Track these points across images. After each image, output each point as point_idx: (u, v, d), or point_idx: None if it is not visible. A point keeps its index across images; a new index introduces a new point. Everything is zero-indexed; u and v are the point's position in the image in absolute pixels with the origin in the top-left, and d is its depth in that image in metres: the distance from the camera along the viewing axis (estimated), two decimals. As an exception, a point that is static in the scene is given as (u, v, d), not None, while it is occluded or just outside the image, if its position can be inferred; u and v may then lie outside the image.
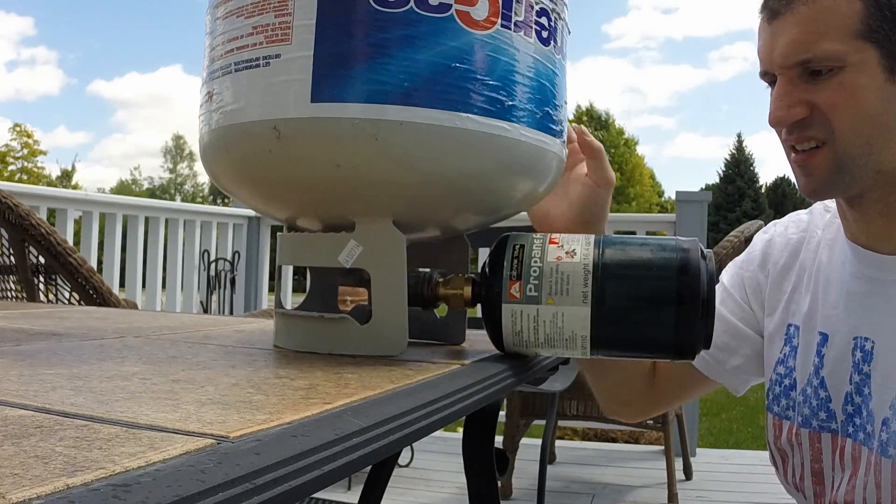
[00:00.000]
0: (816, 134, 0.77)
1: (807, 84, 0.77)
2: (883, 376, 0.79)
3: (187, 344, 0.80)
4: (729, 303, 0.94)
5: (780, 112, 0.78)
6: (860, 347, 0.81)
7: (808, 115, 0.77)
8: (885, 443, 0.77)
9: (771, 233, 0.96)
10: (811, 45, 0.75)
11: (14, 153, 36.91)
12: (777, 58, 0.78)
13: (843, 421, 0.83)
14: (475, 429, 1.03)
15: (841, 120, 0.76)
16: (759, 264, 0.94)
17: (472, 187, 0.74)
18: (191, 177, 51.57)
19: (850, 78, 0.74)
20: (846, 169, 0.77)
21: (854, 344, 0.82)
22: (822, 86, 0.75)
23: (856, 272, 0.82)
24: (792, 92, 0.77)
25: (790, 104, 0.77)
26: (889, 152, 0.76)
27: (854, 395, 0.81)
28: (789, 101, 0.77)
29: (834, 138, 0.76)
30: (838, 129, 0.76)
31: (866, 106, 0.75)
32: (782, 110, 0.78)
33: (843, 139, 0.76)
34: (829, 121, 0.76)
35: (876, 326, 0.80)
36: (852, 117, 0.75)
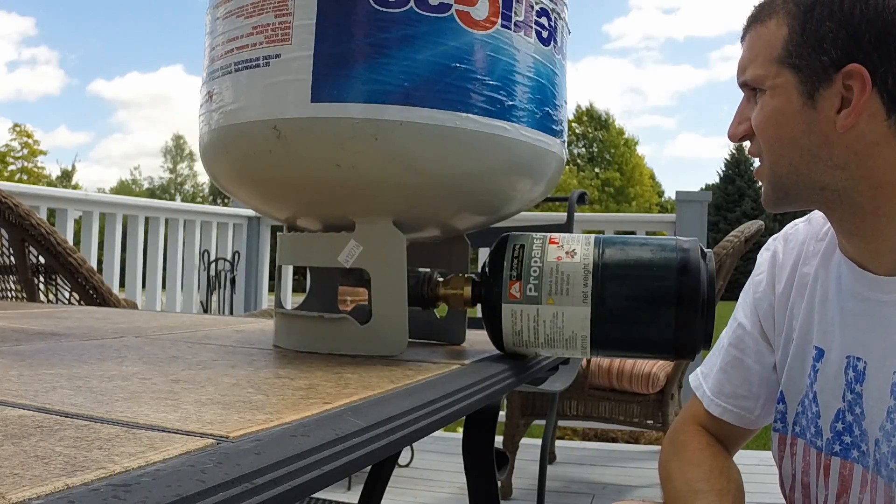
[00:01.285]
0: (755, 151, 0.83)
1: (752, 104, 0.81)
2: (874, 398, 0.78)
3: (187, 344, 0.80)
4: (748, 341, 0.94)
5: (731, 128, 0.84)
6: (853, 367, 0.81)
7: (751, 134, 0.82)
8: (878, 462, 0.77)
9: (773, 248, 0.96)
10: (745, 68, 0.80)
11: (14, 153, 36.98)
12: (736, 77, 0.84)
13: (830, 439, 0.83)
14: (475, 429, 1.03)
15: (764, 140, 0.79)
16: (767, 283, 0.94)
17: (472, 187, 0.74)
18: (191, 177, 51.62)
19: (768, 101, 0.78)
20: (780, 186, 0.80)
21: (847, 363, 0.81)
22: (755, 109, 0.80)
23: (850, 289, 0.82)
24: (743, 110, 0.82)
25: (739, 121, 0.82)
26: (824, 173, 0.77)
27: (846, 412, 0.81)
28: (739, 119, 0.83)
29: (764, 157, 0.80)
30: (765, 149, 0.80)
31: (784, 129, 0.77)
32: (732, 126, 0.83)
33: (768, 158, 0.80)
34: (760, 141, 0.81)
35: (868, 347, 0.80)
36: (772, 139, 0.78)
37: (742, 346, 0.95)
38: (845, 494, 0.81)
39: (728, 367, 0.95)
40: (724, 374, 0.95)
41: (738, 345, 0.95)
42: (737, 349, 0.95)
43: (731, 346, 0.96)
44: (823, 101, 0.74)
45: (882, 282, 0.78)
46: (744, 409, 0.94)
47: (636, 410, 2.46)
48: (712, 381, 0.96)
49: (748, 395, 0.94)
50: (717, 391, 0.95)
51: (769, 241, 0.98)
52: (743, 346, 0.95)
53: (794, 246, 0.93)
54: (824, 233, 0.89)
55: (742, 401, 0.94)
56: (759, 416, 0.94)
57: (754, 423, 0.95)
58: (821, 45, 0.74)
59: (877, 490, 0.77)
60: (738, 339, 0.95)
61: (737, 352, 0.95)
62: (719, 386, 0.95)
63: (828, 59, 0.73)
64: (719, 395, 0.95)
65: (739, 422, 0.94)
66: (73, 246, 1.92)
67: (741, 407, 0.94)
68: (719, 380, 0.95)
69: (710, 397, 0.95)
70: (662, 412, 2.43)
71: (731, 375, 0.95)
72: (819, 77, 0.74)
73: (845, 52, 0.72)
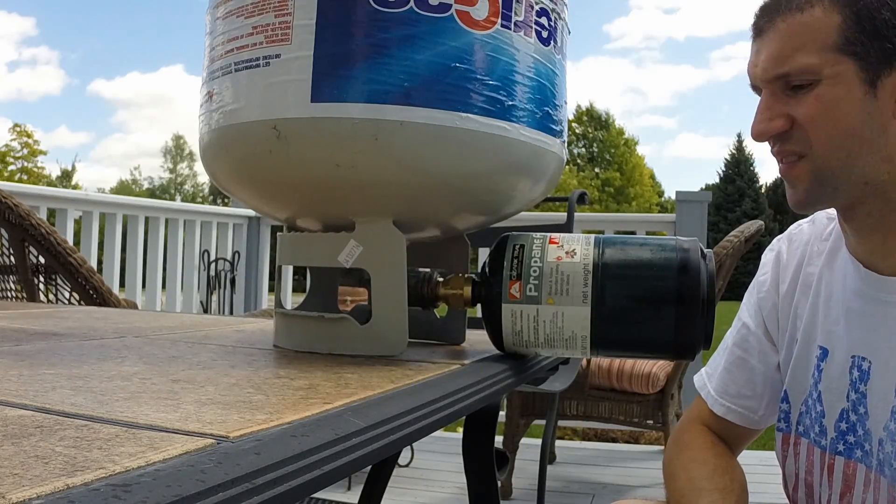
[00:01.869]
0: (795, 147, 0.78)
1: (788, 98, 0.77)
2: (878, 397, 0.78)
3: (187, 344, 0.80)
4: (752, 341, 0.94)
5: (762, 125, 0.79)
6: (857, 366, 0.81)
7: (789, 129, 0.78)
8: (882, 462, 0.77)
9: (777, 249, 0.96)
10: (788, 59, 0.76)
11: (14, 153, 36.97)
12: (759, 72, 0.79)
13: (834, 438, 0.83)
14: (475, 429, 1.03)
15: (818, 133, 0.76)
16: (771, 283, 0.94)
17: (472, 187, 0.74)
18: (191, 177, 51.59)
19: (827, 91, 0.75)
20: (827, 181, 0.77)
21: (852, 362, 0.82)
22: (801, 99, 0.76)
23: (856, 289, 0.82)
24: (773, 105, 0.78)
25: (771, 117, 0.78)
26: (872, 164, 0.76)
27: (850, 412, 0.82)
28: (770, 115, 0.78)
29: (812, 151, 0.77)
30: (815, 142, 0.76)
31: (844, 119, 0.75)
32: (763, 123, 0.79)
33: (820, 152, 0.76)
34: (808, 133, 0.76)
35: (873, 347, 0.80)
36: (829, 130, 0.76)
37: (746, 346, 0.95)
38: (849, 494, 0.81)
39: (732, 367, 0.95)
40: (728, 374, 0.95)
41: (743, 345, 0.95)
42: (741, 349, 0.95)
43: (736, 346, 0.96)
44: (883, 90, 0.74)
45: (889, 282, 0.78)
46: (748, 408, 0.94)
47: (636, 410, 2.46)
48: (716, 381, 0.96)
49: (752, 395, 0.94)
50: (721, 391, 0.95)
51: (773, 242, 0.98)
52: (747, 346, 0.95)
53: (798, 246, 0.93)
54: (828, 233, 0.89)
55: (746, 401, 0.94)
56: (763, 417, 0.95)
57: (758, 423, 0.95)
58: (880, 32, 0.73)
59: (880, 490, 0.77)
60: (742, 339, 0.95)
61: (741, 352, 0.95)
62: (723, 386, 0.95)
63: (891, 47, 0.73)
64: (723, 395, 0.95)
65: (743, 422, 0.94)
66: (73, 246, 1.92)
67: (745, 407, 0.94)
68: (723, 380, 0.96)
69: (715, 397, 0.95)
70: (662, 412, 2.43)
71: (736, 375, 0.95)
72: (882, 64, 0.73)
73: None
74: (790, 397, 0.90)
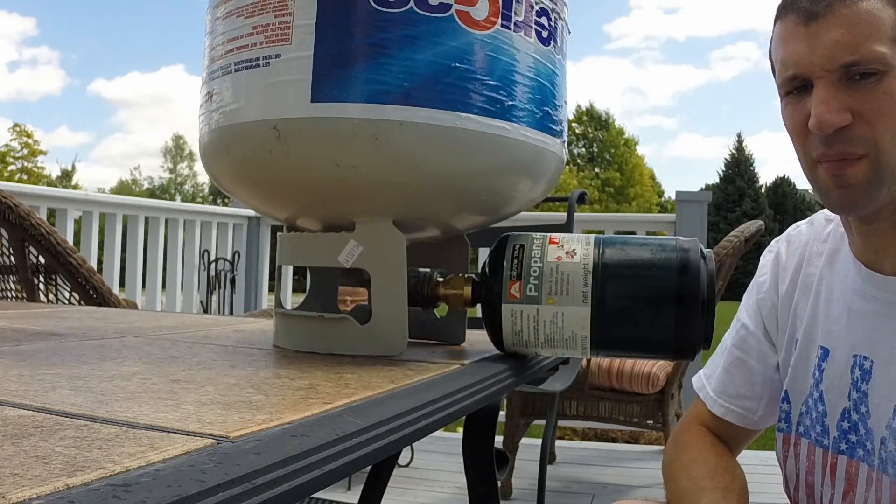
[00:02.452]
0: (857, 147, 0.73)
1: (847, 90, 0.73)
2: (880, 396, 0.78)
3: (187, 344, 0.80)
4: (751, 341, 0.94)
5: (830, 115, 0.72)
6: (859, 365, 0.81)
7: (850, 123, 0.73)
8: (884, 461, 0.77)
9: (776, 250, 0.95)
10: (858, 46, 0.72)
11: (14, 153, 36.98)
12: (819, 59, 0.73)
13: (836, 437, 0.83)
14: (475, 429, 1.03)
15: (886, 129, 0.72)
16: (770, 284, 0.94)
17: (472, 187, 0.74)
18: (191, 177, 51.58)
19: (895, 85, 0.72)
20: (885, 181, 0.74)
21: (853, 361, 0.82)
22: (867, 93, 0.72)
23: (858, 289, 0.82)
24: (837, 96, 0.73)
25: (838, 108, 0.73)
26: None
27: (852, 411, 0.82)
28: (836, 105, 0.73)
29: (876, 149, 0.73)
30: (881, 139, 0.72)
31: None
32: (831, 113, 0.72)
33: (886, 149, 0.73)
34: (874, 129, 0.72)
35: (875, 346, 0.79)
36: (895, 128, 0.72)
37: (745, 346, 0.95)
38: (851, 493, 0.81)
39: (731, 367, 0.95)
40: (727, 375, 0.95)
41: (742, 345, 0.95)
42: (740, 350, 0.95)
43: (735, 346, 0.96)
44: None
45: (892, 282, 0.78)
46: (747, 409, 0.94)
47: (636, 410, 2.46)
48: (715, 381, 0.96)
49: (751, 395, 0.94)
50: (720, 391, 0.95)
51: (772, 244, 0.97)
52: (746, 346, 0.95)
53: (798, 247, 0.93)
54: (827, 234, 0.89)
55: (745, 401, 0.94)
56: (762, 417, 0.95)
57: (757, 423, 0.95)
58: None
59: (882, 489, 0.77)
60: (741, 339, 0.95)
61: (740, 352, 0.95)
62: (722, 386, 0.95)
63: None
64: (722, 396, 0.95)
65: (742, 422, 0.94)
66: (73, 246, 1.92)
67: (744, 407, 0.94)
68: (722, 380, 0.96)
69: (714, 398, 0.95)
70: (662, 412, 2.43)
71: (735, 376, 0.95)
72: None
73: None
74: (791, 398, 0.90)
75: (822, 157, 0.75)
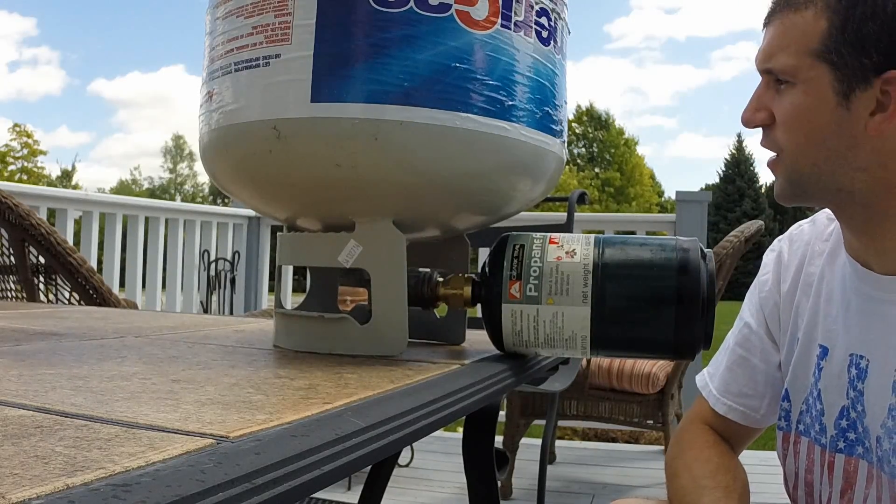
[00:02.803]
0: (772, 145, 0.79)
1: (774, 93, 0.78)
2: (875, 395, 0.78)
3: (187, 344, 0.80)
4: (754, 340, 0.95)
5: (747, 113, 0.80)
6: (855, 364, 0.81)
7: (771, 124, 0.78)
8: (881, 459, 0.77)
9: (778, 249, 0.96)
10: (772, 55, 0.77)
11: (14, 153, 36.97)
12: (756, 62, 0.80)
13: (834, 436, 0.83)
14: (475, 429, 1.03)
15: (787, 137, 0.77)
16: (772, 283, 0.94)
17: (472, 187, 0.74)
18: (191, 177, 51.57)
19: (799, 97, 0.75)
20: (797, 184, 0.79)
21: (850, 360, 0.82)
22: (780, 100, 0.77)
23: (854, 287, 0.82)
24: (762, 96, 0.79)
25: (757, 108, 0.79)
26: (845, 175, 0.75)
27: (850, 409, 0.82)
28: (757, 105, 0.79)
29: (784, 153, 0.78)
30: (785, 145, 0.77)
31: (813, 127, 0.74)
32: (748, 112, 0.80)
33: (789, 155, 0.77)
34: (781, 135, 0.77)
35: (871, 345, 0.80)
36: (797, 137, 0.76)
37: (748, 345, 0.95)
38: (850, 491, 0.82)
39: (734, 366, 0.96)
40: (730, 373, 0.96)
41: (745, 344, 0.95)
42: (743, 348, 0.95)
43: (737, 345, 0.96)
44: (857, 103, 0.72)
45: (885, 281, 0.79)
46: (749, 407, 0.94)
47: (636, 410, 2.46)
48: (718, 380, 0.97)
49: (754, 393, 0.94)
50: (723, 390, 0.96)
51: (774, 243, 0.98)
52: (749, 345, 0.95)
53: (799, 247, 0.93)
54: (829, 233, 0.90)
55: (748, 399, 0.94)
56: (765, 416, 0.95)
57: (760, 422, 0.95)
58: (862, 45, 0.71)
59: (882, 486, 0.77)
60: (744, 338, 0.96)
61: (743, 351, 0.95)
62: (725, 385, 0.96)
63: (869, 62, 0.71)
64: (725, 394, 0.95)
65: (745, 420, 0.95)
66: (73, 246, 1.92)
67: (747, 406, 0.94)
68: (725, 379, 0.96)
69: (717, 396, 0.96)
70: (662, 412, 2.43)
71: (737, 374, 0.95)
72: (857, 78, 0.72)
73: (887, 57, 0.71)
74: (791, 396, 0.90)
75: None
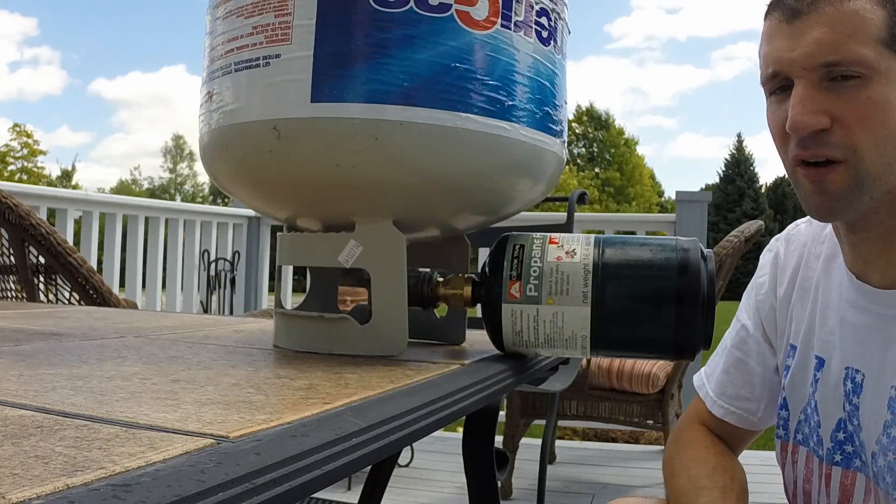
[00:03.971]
0: (835, 151, 0.70)
1: (828, 92, 0.70)
2: (871, 411, 0.77)
3: (187, 344, 0.80)
4: (750, 343, 0.94)
5: (805, 116, 0.69)
6: (851, 378, 0.80)
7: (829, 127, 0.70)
8: (876, 474, 0.77)
9: (775, 250, 0.94)
10: (840, 46, 0.68)
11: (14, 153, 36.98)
12: (799, 58, 0.70)
13: (830, 448, 0.83)
14: (475, 429, 1.03)
15: (866, 136, 0.69)
16: (769, 285, 0.93)
17: (472, 187, 0.74)
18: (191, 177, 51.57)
19: (880, 91, 0.68)
20: (865, 188, 0.71)
21: (846, 374, 0.80)
22: (848, 97, 0.69)
23: (851, 300, 0.81)
24: (815, 97, 0.70)
25: (815, 110, 0.69)
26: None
27: (847, 422, 0.81)
28: (813, 107, 0.69)
29: (856, 155, 0.70)
30: (862, 146, 0.69)
31: (892, 124, 0.69)
32: (807, 115, 0.69)
33: (866, 156, 0.69)
34: (853, 135, 0.69)
35: (866, 359, 0.78)
36: (878, 134, 0.69)
37: (745, 348, 0.95)
38: (847, 503, 0.81)
39: (731, 368, 0.95)
40: (726, 376, 0.95)
41: (741, 347, 0.95)
42: (740, 351, 0.95)
43: (734, 347, 0.95)
44: None
45: (882, 294, 0.77)
46: (746, 410, 0.94)
47: (636, 410, 2.46)
48: (715, 382, 0.96)
49: (750, 396, 0.94)
50: (719, 392, 0.95)
51: (771, 242, 0.97)
52: (746, 348, 0.95)
53: (797, 248, 0.92)
54: (825, 235, 0.88)
55: (744, 402, 0.94)
56: (762, 418, 0.94)
57: (757, 424, 0.95)
58: None
59: (880, 500, 0.77)
60: (741, 341, 0.95)
61: (740, 353, 0.95)
62: (722, 387, 0.95)
63: None
64: (722, 397, 0.95)
65: (742, 423, 0.94)
66: (73, 246, 1.92)
67: (744, 409, 0.94)
68: (722, 381, 0.95)
69: (713, 398, 0.95)
70: (662, 412, 2.43)
71: (734, 377, 0.95)
72: None
73: None
74: (789, 405, 0.90)
75: (797, 158, 0.73)
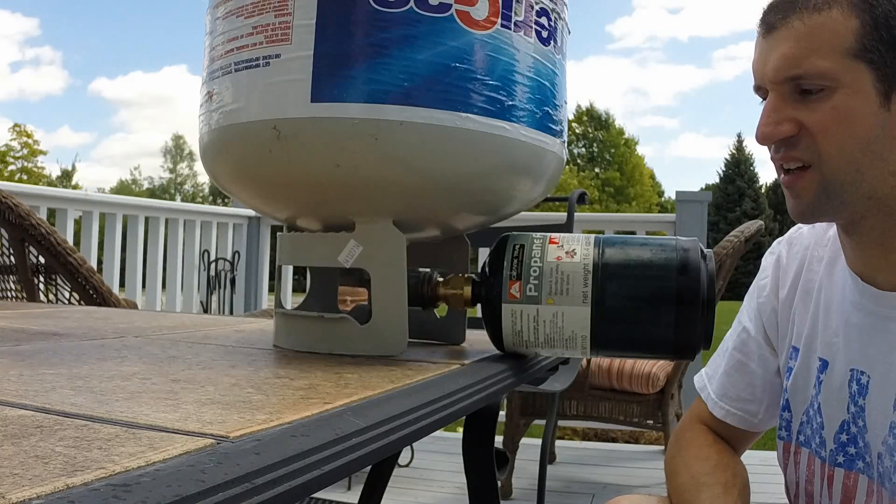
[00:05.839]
0: (803, 155, 0.74)
1: (797, 102, 0.73)
2: (877, 412, 0.77)
3: (187, 344, 0.80)
4: (752, 345, 0.94)
5: (768, 128, 0.74)
6: (856, 380, 0.80)
7: (796, 134, 0.73)
8: (882, 475, 0.77)
9: (777, 253, 0.94)
10: (802, 60, 0.72)
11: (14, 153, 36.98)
12: (769, 72, 0.75)
13: (833, 450, 0.83)
14: (475, 429, 1.03)
15: (829, 144, 0.72)
16: (771, 288, 0.93)
17: (472, 187, 0.74)
18: (191, 177, 51.58)
19: (843, 101, 0.71)
20: (834, 194, 0.74)
21: (851, 376, 0.81)
22: (814, 106, 0.72)
23: (854, 302, 0.81)
24: (782, 108, 0.74)
25: (778, 121, 0.74)
26: (880, 179, 0.72)
27: (851, 424, 0.81)
28: (777, 118, 0.74)
29: (821, 162, 0.73)
30: (825, 153, 0.72)
31: (857, 132, 0.71)
32: (770, 126, 0.74)
33: (830, 163, 0.73)
34: (817, 143, 0.73)
35: (872, 361, 0.78)
36: (841, 143, 0.72)
37: (746, 350, 0.95)
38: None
39: (732, 370, 0.95)
40: (727, 378, 0.95)
41: (742, 349, 0.95)
42: (741, 353, 0.95)
43: (736, 349, 0.95)
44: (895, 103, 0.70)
45: (888, 296, 0.77)
46: (747, 412, 0.94)
47: (636, 410, 2.46)
48: (716, 383, 0.96)
49: (752, 398, 0.94)
50: (721, 394, 0.95)
51: (773, 245, 0.97)
52: (747, 350, 0.95)
53: (799, 251, 0.92)
54: (828, 238, 0.88)
55: (746, 404, 0.94)
56: (763, 420, 0.94)
57: (757, 426, 0.95)
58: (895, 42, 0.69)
59: (883, 501, 0.77)
60: (742, 343, 0.95)
61: (741, 356, 0.95)
62: (723, 389, 0.95)
63: None
64: (723, 398, 0.95)
65: (743, 425, 0.94)
66: (73, 246, 1.92)
67: (745, 410, 0.94)
68: (723, 383, 0.95)
69: (715, 400, 0.95)
70: (662, 412, 2.43)
71: (735, 379, 0.95)
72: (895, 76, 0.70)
73: None
74: (792, 406, 0.89)
75: (775, 162, 0.77)
